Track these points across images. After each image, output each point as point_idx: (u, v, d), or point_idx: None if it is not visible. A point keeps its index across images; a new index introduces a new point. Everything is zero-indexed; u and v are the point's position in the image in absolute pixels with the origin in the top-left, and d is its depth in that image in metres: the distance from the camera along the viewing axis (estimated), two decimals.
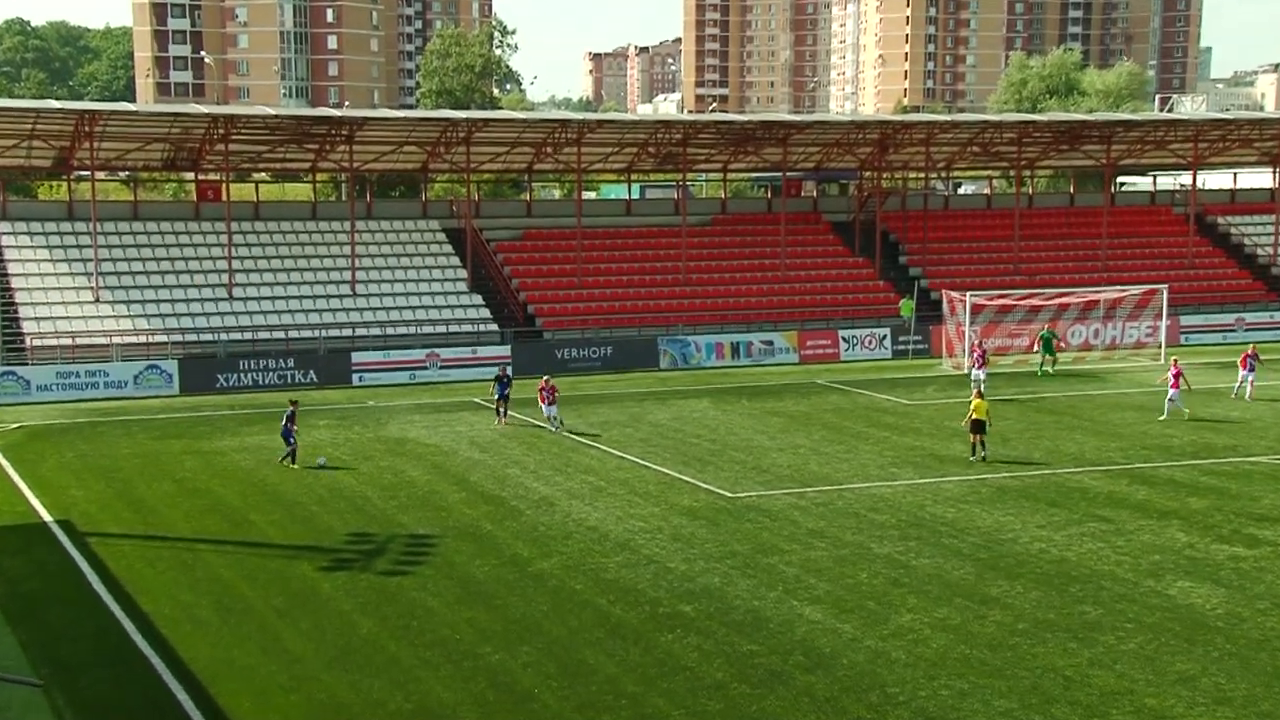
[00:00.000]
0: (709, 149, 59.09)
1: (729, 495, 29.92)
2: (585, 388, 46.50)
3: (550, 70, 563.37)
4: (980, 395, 34.14)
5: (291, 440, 33.22)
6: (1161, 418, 38.85)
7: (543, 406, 37.77)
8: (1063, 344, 51.27)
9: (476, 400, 43.04)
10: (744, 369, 50.98)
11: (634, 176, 65.80)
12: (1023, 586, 23.11)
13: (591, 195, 74.07)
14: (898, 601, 22.37)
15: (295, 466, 32.89)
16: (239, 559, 25.23)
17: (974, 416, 33.23)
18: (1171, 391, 39.22)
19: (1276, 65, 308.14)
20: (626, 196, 64.45)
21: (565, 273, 55.90)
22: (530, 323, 53.25)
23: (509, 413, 39.02)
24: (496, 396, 39.01)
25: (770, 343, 52.41)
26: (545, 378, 38.99)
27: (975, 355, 44.56)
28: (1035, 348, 50.27)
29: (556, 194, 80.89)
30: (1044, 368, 48.38)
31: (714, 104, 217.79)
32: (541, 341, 51.67)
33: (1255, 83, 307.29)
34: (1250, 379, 42.91)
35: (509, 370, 40.50)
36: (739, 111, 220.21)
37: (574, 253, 56.34)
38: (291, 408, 33.89)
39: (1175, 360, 40.93)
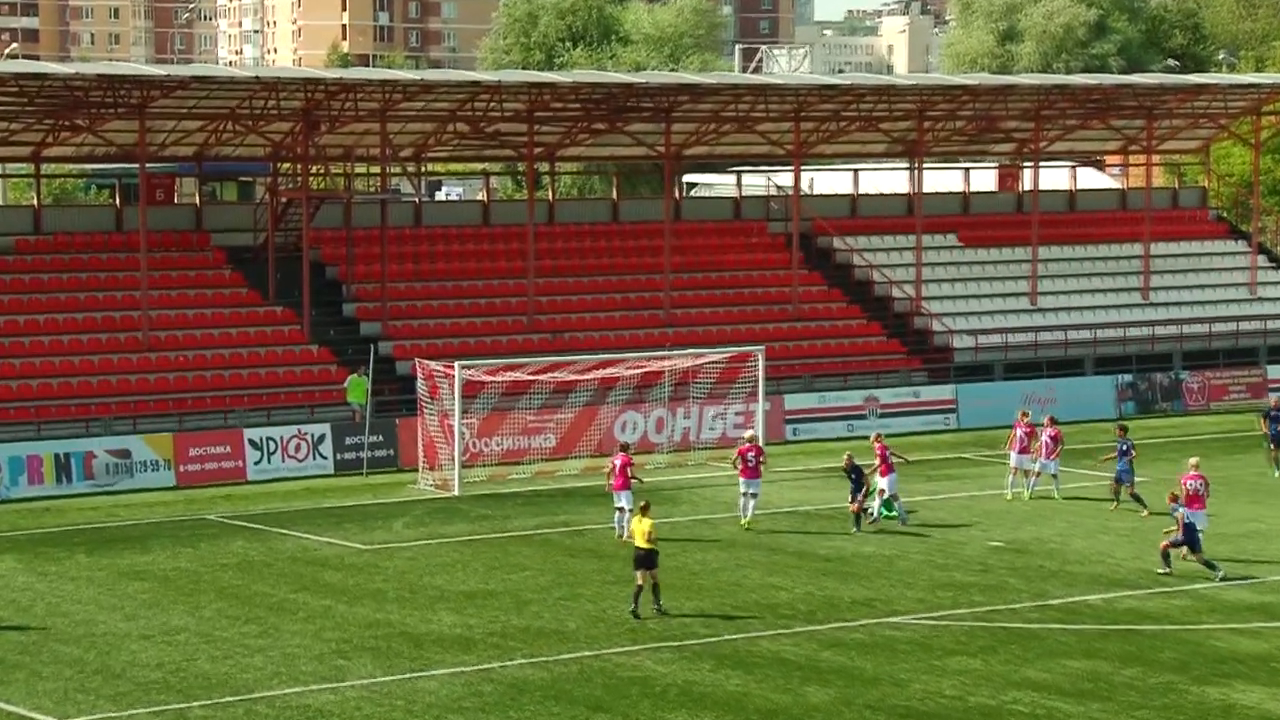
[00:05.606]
0: (7, 122, 57.90)
1: None
2: None
3: None
4: (645, 511, 36.55)
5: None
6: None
7: None
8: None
9: None
10: (80, 499, 50.01)
11: None
12: None
13: None
14: None
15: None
16: None
17: (638, 544, 35.76)
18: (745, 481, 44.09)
19: (908, 3, 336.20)
20: None
21: None
22: None
23: None
24: None
25: (126, 453, 51.67)
26: None
27: (613, 466, 43.80)
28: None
29: None
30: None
31: (13, 45, 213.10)
32: None
33: (880, 29, 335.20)
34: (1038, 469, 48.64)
35: None
36: (59, 59, 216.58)
37: None
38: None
39: (754, 440, 45.00)
